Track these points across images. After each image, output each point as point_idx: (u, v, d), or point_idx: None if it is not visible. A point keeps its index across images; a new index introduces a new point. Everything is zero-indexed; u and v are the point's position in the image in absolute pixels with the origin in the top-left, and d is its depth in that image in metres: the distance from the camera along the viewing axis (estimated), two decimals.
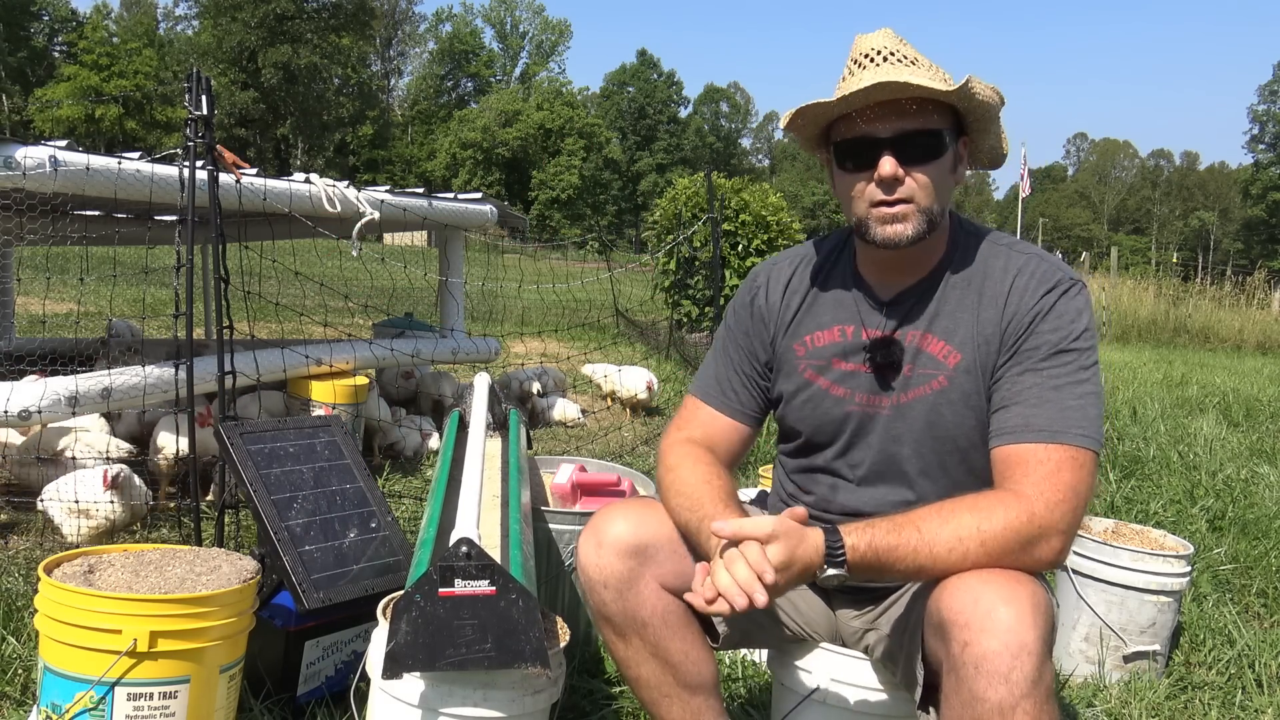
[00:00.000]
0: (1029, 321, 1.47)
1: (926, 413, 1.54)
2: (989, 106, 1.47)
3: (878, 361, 1.56)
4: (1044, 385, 1.43)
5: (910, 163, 1.45)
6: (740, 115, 75.09)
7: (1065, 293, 1.48)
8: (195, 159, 2.67)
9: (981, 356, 1.50)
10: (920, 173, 1.45)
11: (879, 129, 1.45)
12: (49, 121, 39.15)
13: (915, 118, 1.44)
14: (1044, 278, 1.49)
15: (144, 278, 5.39)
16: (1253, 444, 5.96)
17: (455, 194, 5.34)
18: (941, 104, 1.47)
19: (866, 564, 1.33)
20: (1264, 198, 60.90)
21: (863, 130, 1.46)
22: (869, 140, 1.45)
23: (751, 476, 4.34)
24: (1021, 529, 1.34)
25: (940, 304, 1.55)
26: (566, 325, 10.52)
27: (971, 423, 1.52)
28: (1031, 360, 1.45)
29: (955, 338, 1.52)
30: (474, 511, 1.67)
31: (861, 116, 1.46)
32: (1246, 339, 15.76)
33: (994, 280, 1.52)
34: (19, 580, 2.70)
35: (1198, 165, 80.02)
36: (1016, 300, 1.49)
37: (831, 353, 1.61)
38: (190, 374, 2.73)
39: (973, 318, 1.52)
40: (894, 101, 1.44)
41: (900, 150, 1.44)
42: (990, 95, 1.46)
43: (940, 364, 1.53)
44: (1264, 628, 3.04)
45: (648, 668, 1.60)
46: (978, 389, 1.51)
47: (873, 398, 1.58)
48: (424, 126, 61.90)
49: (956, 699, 1.28)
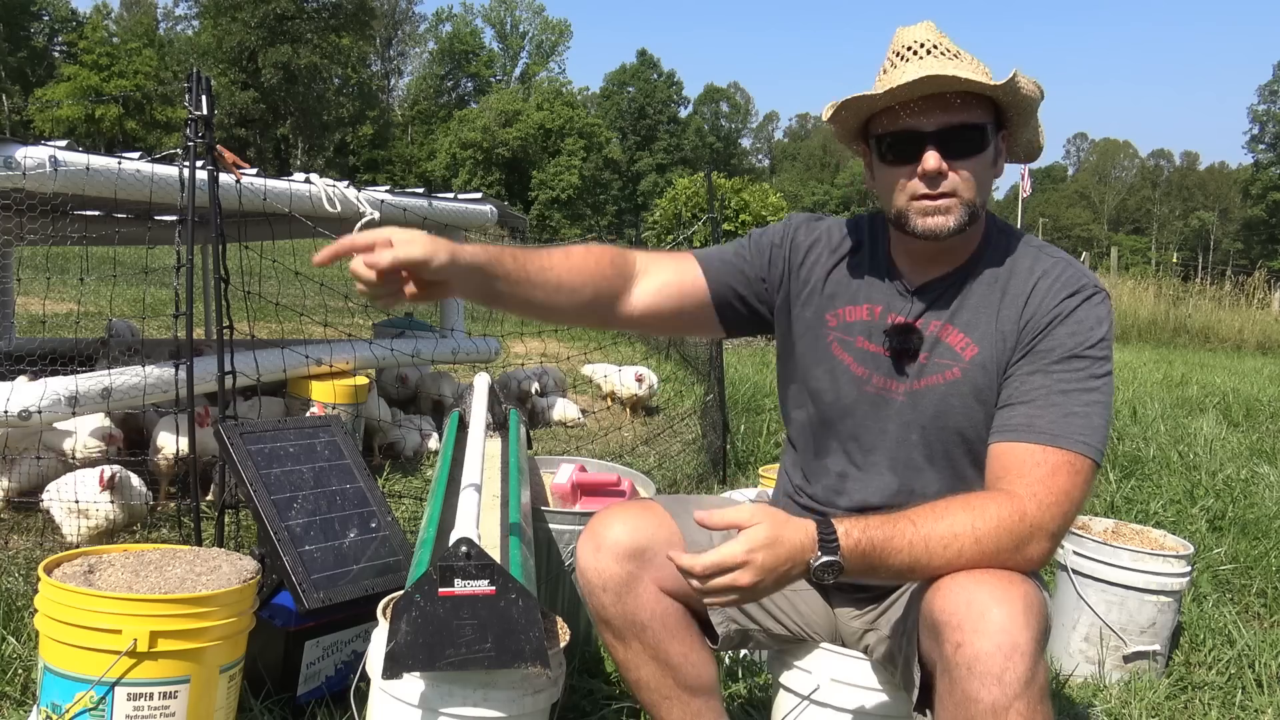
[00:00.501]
0: (1046, 323, 1.47)
1: (937, 402, 1.54)
2: (1031, 100, 1.48)
3: (894, 347, 1.56)
4: (1052, 388, 1.43)
5: (954, 156, 1.45)
6: (740, 115, 75.06)
7: (1088, 300, 1.48)
8: (195, 159, 2.67)
9: (997, 353, 1.51)
10: (964, 167, 1.45)
11: (923, 123, 1.44)
12: (49, 121, 39.11)
13: (959, 112, 1.44)
14: (1068, 282, 1.50)
15: (144, 278, 5.39)
16: (1253, 444, 5.96)
17: (455, 194, 5.34)
18: (983, 98, 1.47)
19: (860, 553, 1.32)
20: (1264, 198, 60.86)
21: (906, 124, 1.45)
22: (913, 134, 1.45)
23: (751, 477, 4.34)
24: (1014, 527, 1.34)
25: (966, 297, 1.55)
26: (566, 325, 10.49)
27: (980, 417, 1.52)
28: (1044, 362, 1.46)
29: (975, 331, 1.53)
30: (474, 511, 1.67)
31: (904, 110, 1.45)
32: (1246, 339, 15.76)
33: (1019, 279, 1.53)
34: (19, 580, 2.70)
35: (1198, 165, 80.00)
36: (1037, 301, 1.49)
37: (859, 330, 1.61)
38: (190, 374, 2.73)
39: (993, 314, 1.52)
40: (938, 95, 1.43)
41: (944, 144, 1.44)
42: (1033, 90, 1.47)
43: (957, 355, 1.53)
44: (1264, 628, 3.04)
45: (648, 670, 1.60)
46: (990, 384, 1.51)
47: (889, 381, 1.58)
48: (424, 126, 61.88)
49: (950, 700, 1.28)
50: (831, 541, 1.32)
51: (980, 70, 1.46)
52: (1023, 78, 1.45)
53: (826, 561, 1.31)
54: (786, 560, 1.31)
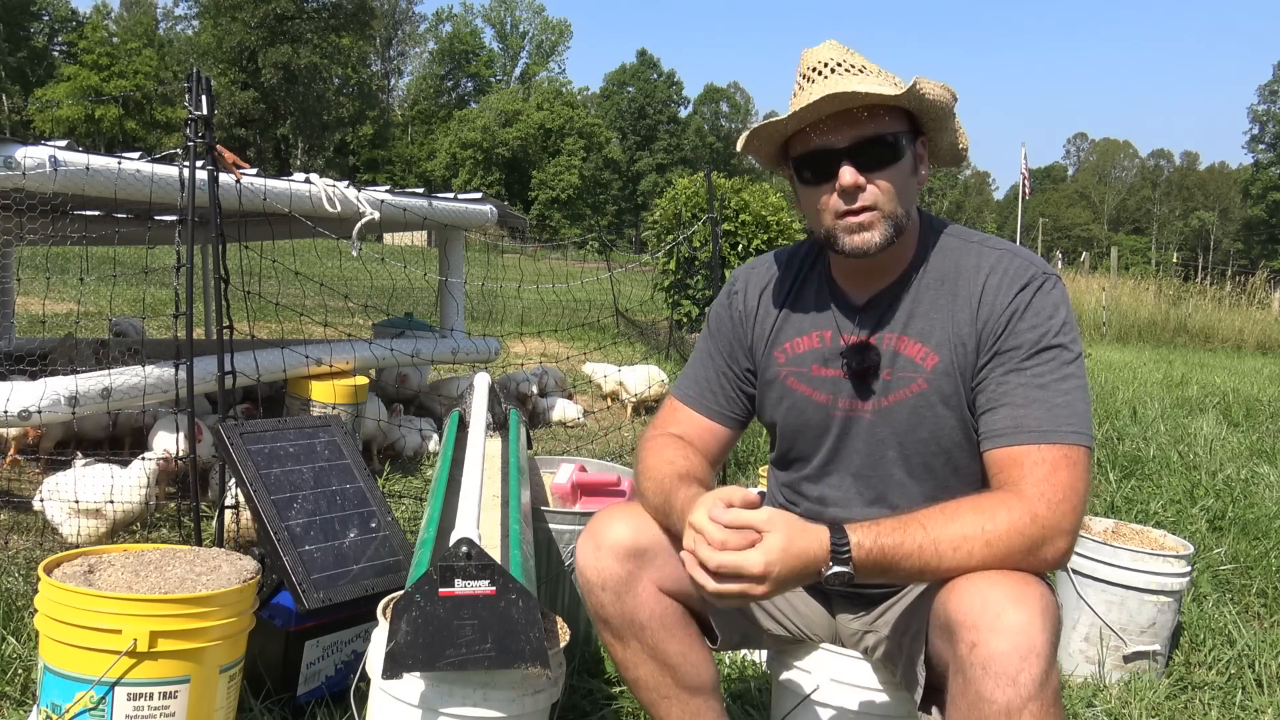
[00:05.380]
0: (1006, 321, 1.47)
1: (908, 416, 1.54)
2: (940, 105, 1.47)
3: (853, 367, 1.56)
4: (1029, 385, 1.43)
5: (869, 170, 1.45)
6: (740, 115, 75.03)
7: (1040, 289, 1.47)
8: (195, 159, 2.67)
9: (959, 358, 1.50)
10: (880, 178, 1.46)
11: (834, 140, 1.45)
12: (49, 121, 39.13)
13: (869, 124, 1.45)
14: (1016, 275, 1.49)
15: (144, 278, 5.39)
16: (1253, 444, 5.96)
17: (455, 194, 5.34)
18: (895, 108, 1.47)
19: (873, 561, 1.32)
20: (1264, 198, 60.90)
21: (819, 143, 1.47)
22: (826, 152, 1.46)
23: (751, 477, 4.35)
24: (1026, 529, 1.33)
25: (915, 305, 1.54)
26: (566, 325, 10.52)
27: (953, 423, 1.52)
28: (1014, 360, 1.45)
29: (932, 339, 1.52)
30: (474, 511, 1.67)
31: (816, 130, 1.47)
32: (1246, 339, 15.77)
33: (966, 279, 1.52)
34: (19, 580, 2.70)
35: (1198, 165, 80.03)
36: (990, 299, 1.49)
37: (811, 359, 1.61)
38: (190, 374, 2.73)
39: (947, 318, 1.52)
40: (846, 112, 1.44)
41: (858, 158, 1.45)
42: (941, 94, 1.46)
43: (919, 367, 1.53)
44: (1264, 628, 3.04)
45: (646, 669, 1.60)
46: (957, 390, 1.51)
47: (854, 402, 1.58)
48: (424, 126, 61.90)
49: (963, 700, 1.28)
50: (844, 553, 1.32)
51: (887, 82, 1.46)
52: (927, 84, 1.44)
53: (838, 572, 1.32)
54: (800, 571, 1.32)
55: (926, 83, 1.44)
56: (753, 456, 4.69)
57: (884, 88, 1.42)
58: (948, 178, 63.79)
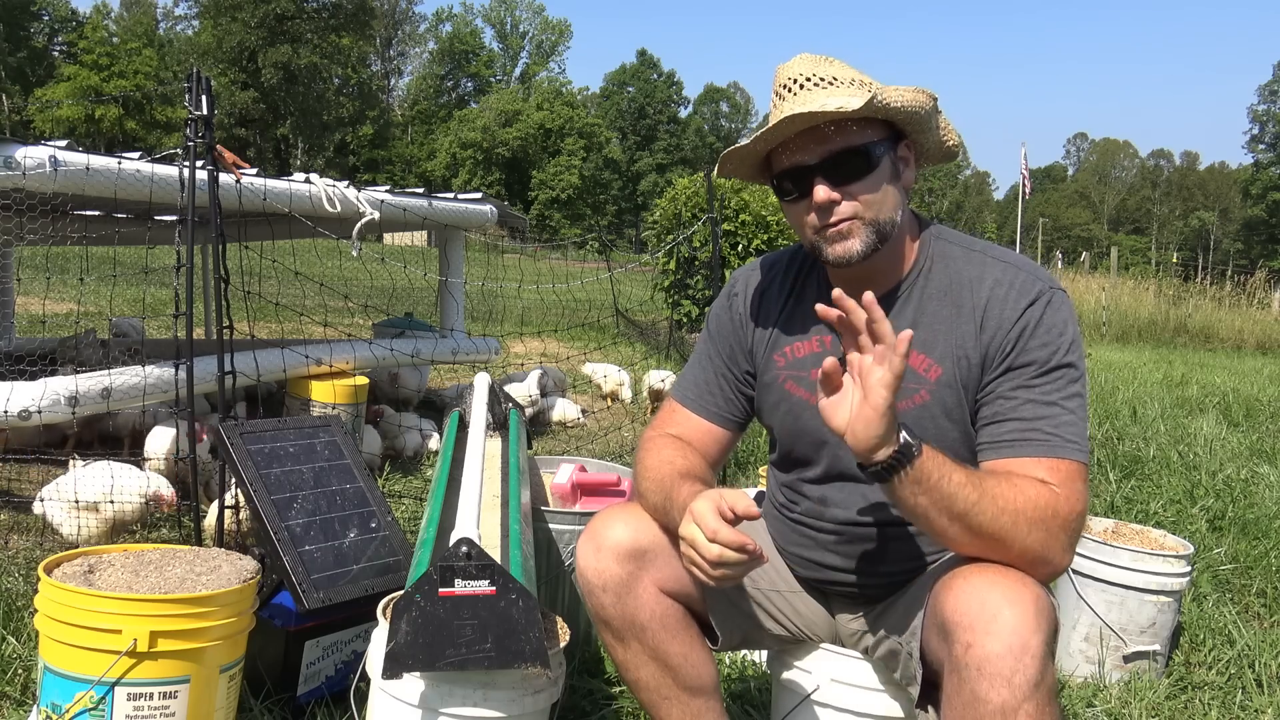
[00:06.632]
0: (1015, 337, 1.46)
1: (910, 426, 1.53)
2: (910, 111, 1.47)
3: None
4: (1038, 401, 1.43)
5: (842, 183, 1.46)
6: (740, 115, 75.02)
7: (1049, 304, 1.47)
8: (195, 159, 2.67)
9: (962, 371, 1.50)
10: (856, 190, 1.46)
11: (804, 157, 1.46)
12: (49, 121, 39.13)
13: (837, 139, 1.45)
14: (1023, 289, 1.48)
15: (144, 278, 5.39)
16: (1253, 444, 5.96)
17: (455, 194, 5.34)
18: (867, 118, 1.46)
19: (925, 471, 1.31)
20: (1264, 198, 60.88)
21: (792, 161, 1.48)
22: (800, 169, 1.47)
23: (751, 476, 4.35)
24: (1047, 520, 1.34)
25: (918, 315, 1.54)
26: (566, 325, 10.53)
27: (955, 434, 1.52)
28: (1024, 377, 1.45)
29: (935, 351, 1.52)
30: (474, 511, 1.67)
31: (786, 148, 1.48)
32: (1246, 339, 15.78)
33: (971, 291, 1.51)
34: (19, 580, 2.70)
35: (1198, 165, 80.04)
36: (997, 314, 1.48)
37: (811, 364, 1.61)
38: (190, 374, 2.73)
39: (950, 330, 1.51)
40: (815, 128, 1.45)
41: (830, 174, 1.45)
42: (911, 99, 1.45)
43: (921, 378, 1.52)
44: (1264, 628, 3.04)
45: (647, 670, 1.60)
46: (959, 402, 1.50)
47: None
48: (424, 126, 61.92)
49: (958, 699, 1.28)
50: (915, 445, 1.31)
51: (860, 91, 1.44)
52: (892, 92, 1.43)
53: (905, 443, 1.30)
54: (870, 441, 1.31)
55: (890, 91, 1.43)
56: (753, 456, 4.69)
57: (848, 101, 1.41)
58: (948, 178, 63.64)
